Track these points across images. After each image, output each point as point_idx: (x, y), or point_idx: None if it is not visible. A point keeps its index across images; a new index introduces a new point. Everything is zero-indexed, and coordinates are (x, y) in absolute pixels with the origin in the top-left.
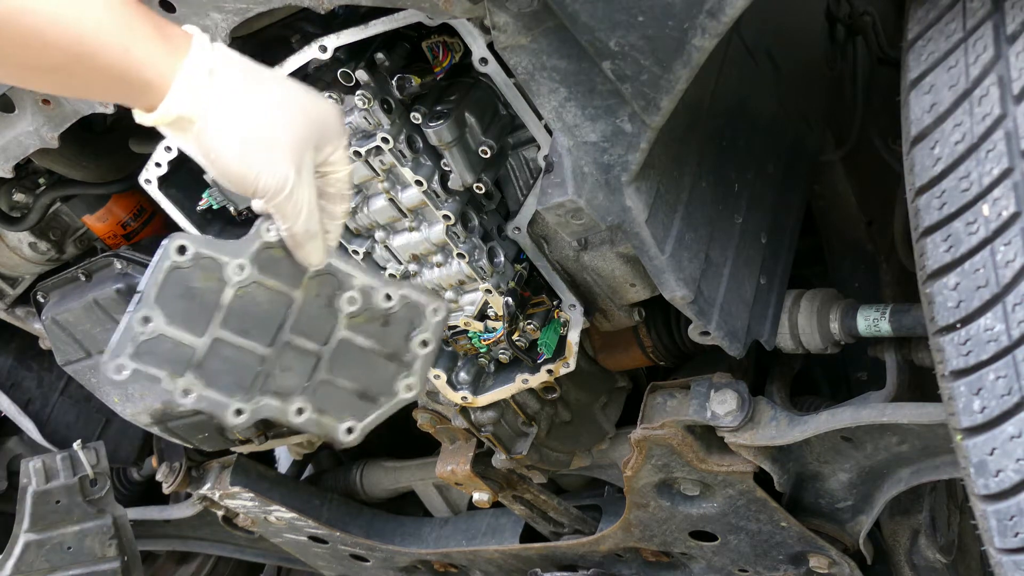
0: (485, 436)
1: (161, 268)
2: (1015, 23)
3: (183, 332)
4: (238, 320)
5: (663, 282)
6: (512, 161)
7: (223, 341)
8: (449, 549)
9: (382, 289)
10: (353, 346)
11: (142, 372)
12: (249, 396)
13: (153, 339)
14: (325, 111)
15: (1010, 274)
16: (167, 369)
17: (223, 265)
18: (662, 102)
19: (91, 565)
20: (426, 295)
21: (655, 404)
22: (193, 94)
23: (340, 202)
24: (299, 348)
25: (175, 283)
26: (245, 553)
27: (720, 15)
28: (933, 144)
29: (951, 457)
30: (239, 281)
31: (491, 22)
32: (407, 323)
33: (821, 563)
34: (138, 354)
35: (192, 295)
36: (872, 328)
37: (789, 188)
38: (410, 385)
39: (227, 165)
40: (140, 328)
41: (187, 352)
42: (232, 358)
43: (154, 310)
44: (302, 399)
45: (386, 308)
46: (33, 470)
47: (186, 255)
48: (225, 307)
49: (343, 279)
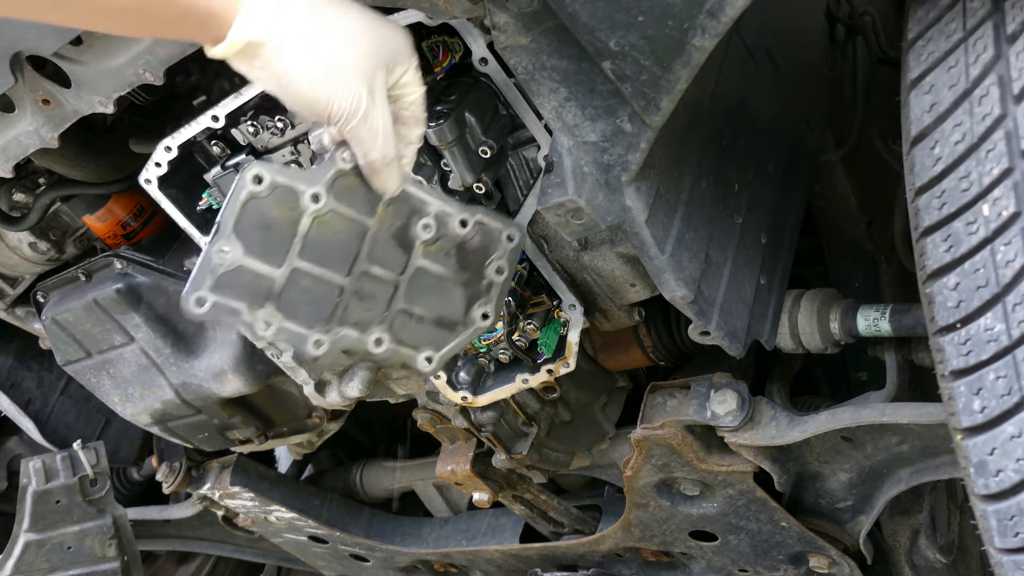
0: (485, 436)
1: (238, 198)
2: (1015, 23)
3: (261, 263)
4: (315, 250)
5: (663, 282)
6: (512, 161)
7: (301, 271)
8: (449, 549)
9: (457, 215)
10: (429, 274)
11: (222, 305)
12: (328, 327)
13: (232, 271)
14: (394, 33)
15: (1010, 274)
16: (246, 301)
17: (299, 194)
18: (662, 102)
19: (91, 565)
20: (501, 221)
21: (655, 404)
22: (262, 19)
23: (415, 125)
24: (376, 277)
25: (252, 213)
26: (245, 553)
27: (720, 15)
28: (933, 144)
29: (951, 457)
30: (316, 210)
31: (491, 22)
32: (482, 250)
33: (821, 563)
34: (217, 286)
35: (269, 225)
36: (872, 328)
37: (789, 188)
38: (486, 313)
39: (299, 89)
40: (219, 260)
41: (266, 283)
42: (310, 289)
43: (232, 241)
44: (380, 329)
45: (461, 235)
46: (33, 470)
47: (262, 184)
48: (302, 237)
49: (418, 205)
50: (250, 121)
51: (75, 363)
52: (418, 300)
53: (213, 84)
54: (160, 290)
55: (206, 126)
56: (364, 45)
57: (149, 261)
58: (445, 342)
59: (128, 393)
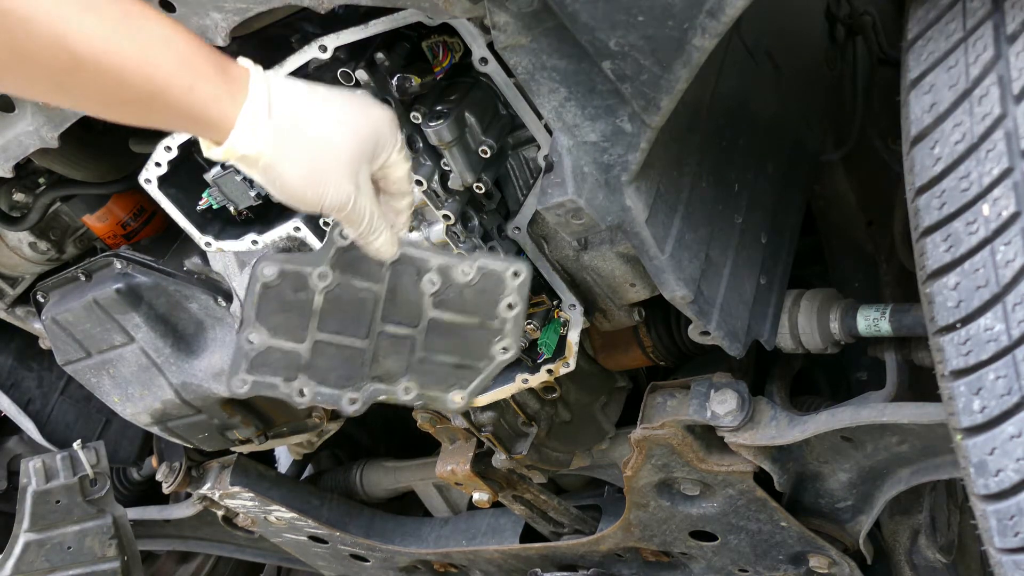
0: (485, 436)
1: (254, 291)
2: (1015, 23)
3: (287, 341)
4: (333, 321)
5: (663, 282)
6: (512, 161)
7: (323, 342)
8: (449, 549)
9: (459, 265)
10: (443, 323)
11: (260, 382)
12: (358, 385)
13: (263, 352)
14: (377, 121)
15: (1010, 274)
16: (281, 376)
17: (307, 276)
18: (662, 102)
19: (91, 565)
20: (504, 262)
21: (655, 404)
22: (254, 134)
23: (401, 197)
24: (393, 334)
25: (269, 300)
26: (245, 553)
27: (720, 15)
28: (933, 144)
29: (951, 457)
30: (325, 287)
31: (491, 22)
32: (491, 291)
33: (821, 563)
34: (252, 368)
35: (287, 307)
36: (872, 328)
37: (789, 188)
38: (506, 347)
39: (293, 191)
40: (249, 346)
41: (294, 358)
42: (335, 355)
43: (257, 328)
44: (407, 379)
45: (466, 282)
46: (33, 470)
47: (273, 274)
48: (318, 312)
49: (420, 263)
50: None
51: (75, 363)
52: (437, 348)
53: None
54: (160, 290)
55: None
56: (349, 144)
57: (149, 261)
58: (471, 379)
59: (128, 393)
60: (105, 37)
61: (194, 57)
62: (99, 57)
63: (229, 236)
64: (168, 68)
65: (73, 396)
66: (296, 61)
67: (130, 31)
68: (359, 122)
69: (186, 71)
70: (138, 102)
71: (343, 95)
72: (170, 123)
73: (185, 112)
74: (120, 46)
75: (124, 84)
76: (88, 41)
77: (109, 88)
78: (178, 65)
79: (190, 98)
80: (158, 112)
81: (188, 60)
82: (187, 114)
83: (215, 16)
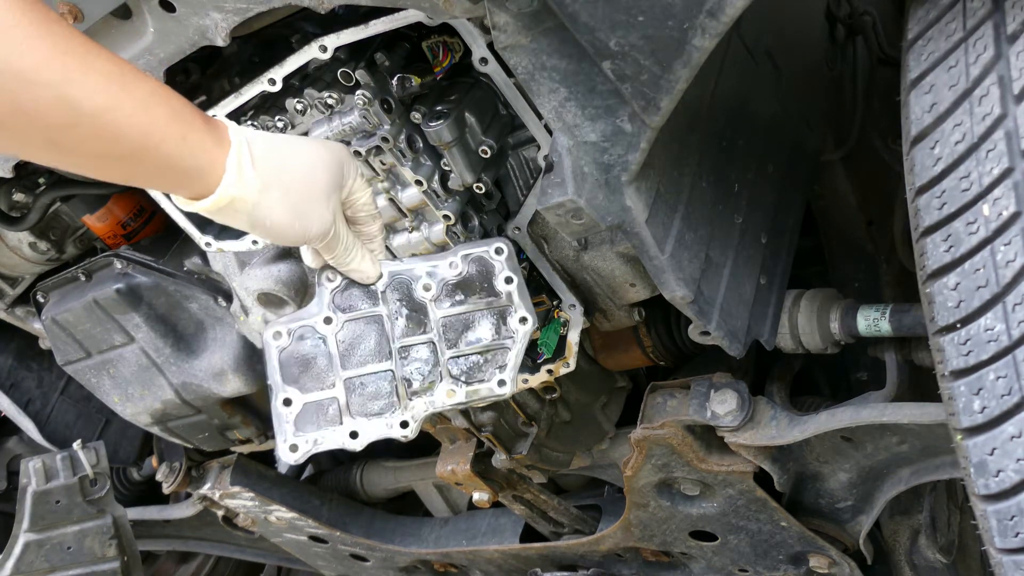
0: (485, 436)
1: (272, 357)
2: (1015, 23)
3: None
4: (353, 356)
5: (663, 282)
6: (512, 161)
7: (352, 378)
8: (449, 549)
9: (443, 262)
10: (454, 318)
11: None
12: (402, 406)
13: (301, 412)
14: (338, 155)
15: (1010, 274)
16: (327, 426)
17: (313, 325)
18: (662, 102)
19: (91, 565)
20: (483, 244)
21: (655, 404)
22: (242, 178)
23: (371, 222)
24: (414, 346)
25: (288, 361)
26: (245, 553)
27: (720, 15)
28: (933, 144)
29: (951, 457)
30: (333, 329)
31: (491, 22)
32: (483, 274)
33: (821, 563)
34: (298, 430)
35: (307, 361)
36: (872, 328)
37: (789, 188)
38: (523, 317)
39: (281, 230)
40: (286, 411)
41: (332, 404)
42: (369, 385)
43: (287, 390)
44: (445, 383)
45: (457, 274)
46: (33, 470)
47: (282, 337)
48: (336, 354)
49: (408, 275)
50: (250, 121)
51: (75, 363)
52: (459, 342)
53: (213, 84)
54: (160, 290)
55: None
56: (321, 177)
57: (149, 261)
58: (505, 360)
59: (128, 393)
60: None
61: (184, 110)
62: (100, 113)
63: (229, 236)
64: (163, 121)
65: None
66: (296, 61)
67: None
68: (325, 157)
69: (179, 123)
70: (131, 157)
71: (304, 139)
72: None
73: (177, 162)
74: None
75: (120, 138)
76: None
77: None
78: (171, 118)
79: (182, 148)
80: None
81: (179, 113)
82: (178, 164)
83: (215, 16)
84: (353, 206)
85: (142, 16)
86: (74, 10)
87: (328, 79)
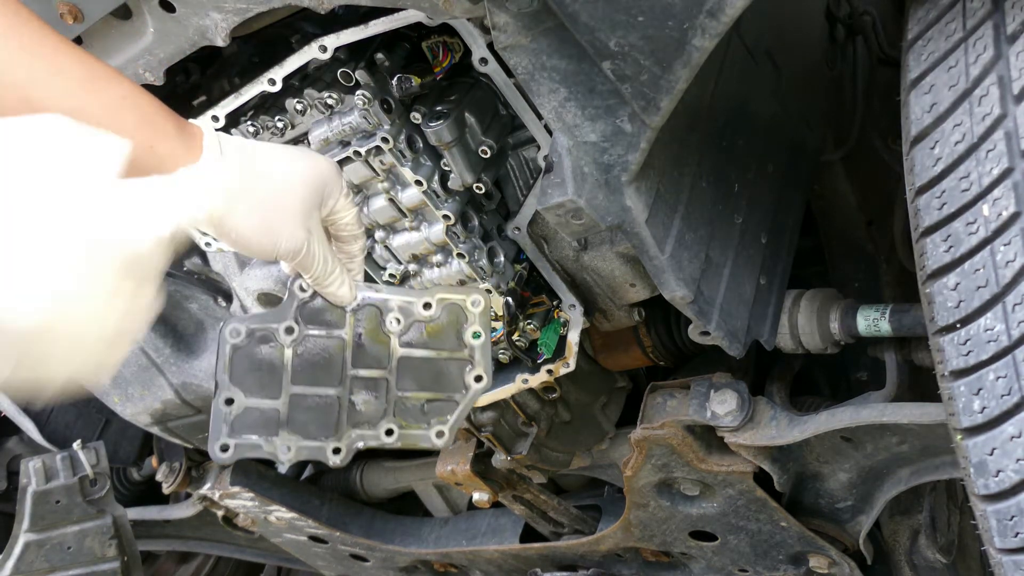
0: (485, 436)
1: (224, 353)
2: (1015, 23)
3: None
4: (305, 373)
5: (663, 282)
6: (512, 161)
7: (299, 395)
8: (449, 549)
9: (419, 301)
10: (413, 360)
11: (242, 444)
12: (340, 434)
13: (241, 414)
14: (323, 170)
15: (1010, 274)
16: (262, 434)
17: (274, 331)
18: (662, 102)
19: (91, 565)
20: (461, 292)
21: (655, 404)
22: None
23: (353, 241)
24: (367, 378)
25: (240, 361)
26: (245, 553)
27: (720, 15)
28: (933, 144)
29: (951, 457)
30: (292, 340)
31: (491, 22)
32: (454, 322)
33: (821, 563)
34: (233, 431)
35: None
36: (872, 328)
37: (789, 188)
38: (479, 376)
39: (248, 243)
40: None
41: (272, 415)
42: (313, 406)
43: (231, 390)
44: (387, 421)
45: (428, 316)
46: (33, 470)
47: (240, 335)
48: (289, 366)
49: (380, 305)
50: (250, 121)
51: None
52: (412, 385)
53: (213, 84)
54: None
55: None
56: (298, 193)
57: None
58: (450, 412)
59: (128, 393)
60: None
61: (155, 116)
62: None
63: None
64: (130, 127)
65: None
66: (296, 61)
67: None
68: (306, 172)
69: (148, 129)
70: None
71: (288, 148)
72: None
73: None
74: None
75: None
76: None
77: None
78: (139, 124)
79: (148, 156)
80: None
81: (150, 119)
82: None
83: (215, 16)
84: (336, 224)
85: (142, 16)
86: (74, 10)
87: (328, 79)
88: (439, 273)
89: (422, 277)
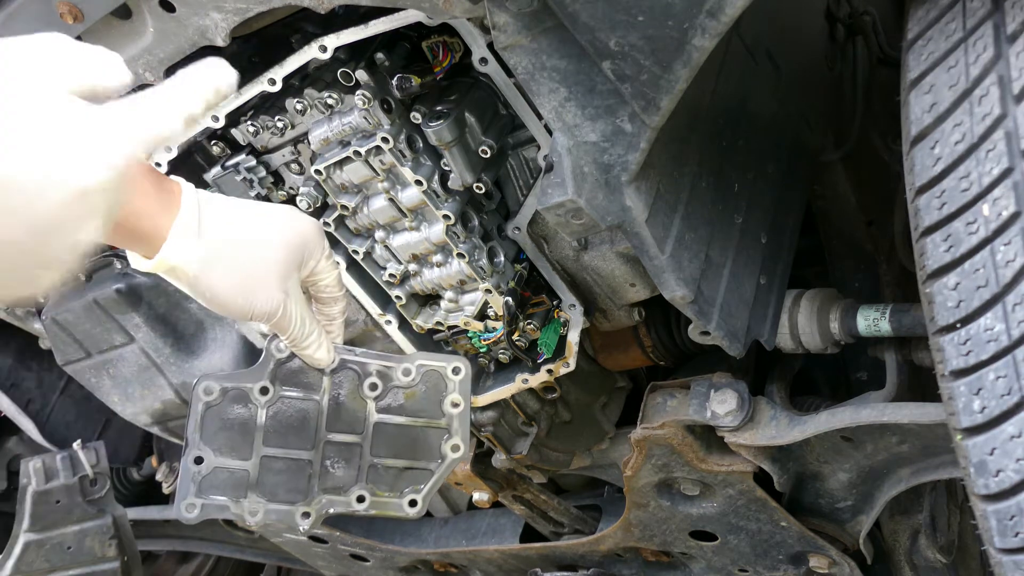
0: (485, 436)
1: (196, 411)
2: (1015, 23)
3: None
4: (277, 435)
5: (663, 282)
6: (512, 161)
7: (270, 457)
8: (449, 549)
9: (398, 367)
10: (389, 426)
11: (209, 505)
12: (309, 499)
13: (209, 474)
14: (304, 232)
15: (1010, 274)
16: (229, 495)
17: (248, 391)
18: (662, 102)
19: (91, 565)
20: (443, 359)
21: (655, 404)
22: (184, 248)
23: (333, 304)
24: (339, 443)
25: (212, 420)
26: (245, 553)
27: (720, 15)
28: (933, 144)
29: (951, 457)
30: (267, 400)
31: (491, 22)
32: (434, 390)
33: (821, 563)
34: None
35: (231, 425)
36: (872, 328)
37: (789, 188)
38: (455, 446)
39: (223, 302)
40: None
41: (242, 476)
42: (283, 469)
43: (202, 449)
44: (358, 487)
45: (407, 382)
46: (33, 470)
47: (214, 393)
48: (262, 427)
49: (359, 369)
50: (250, 121)
51: (75, 363)
52: (386, 452)
53: None
54: (160, 290)
55: (206, 126)
56: (277, 254)
57: None
58: (424, 481)
59: (128, 393)
60: None
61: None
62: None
63: None
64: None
65: (73, 396)
66: (296, 61)
67: None
68: (286, 232)
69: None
70: None
71: (271, 208)
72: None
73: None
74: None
75: None
76: None
77: None
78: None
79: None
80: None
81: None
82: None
83: (215, 16)
84: (316, 286)
85: (142, 16)
86: (74, 10)
87: (328, 79)
88: (439, 273)
89: (422, 277)
